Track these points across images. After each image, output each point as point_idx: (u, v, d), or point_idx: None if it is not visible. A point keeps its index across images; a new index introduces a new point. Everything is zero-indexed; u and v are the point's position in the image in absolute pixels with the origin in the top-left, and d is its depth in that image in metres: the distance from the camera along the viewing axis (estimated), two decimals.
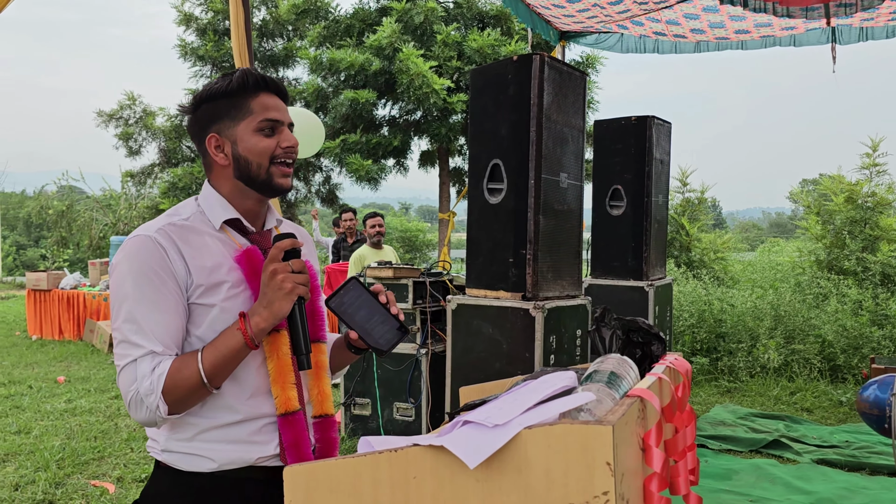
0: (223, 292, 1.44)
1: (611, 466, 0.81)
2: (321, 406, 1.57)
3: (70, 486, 4.35)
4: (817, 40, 6.11)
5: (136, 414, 1.37)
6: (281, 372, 1.45)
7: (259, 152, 1.48)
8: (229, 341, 1.38)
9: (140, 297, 1.38)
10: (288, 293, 1.38)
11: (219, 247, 1.48)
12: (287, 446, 1.46)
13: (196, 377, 1.36)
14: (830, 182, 9.65)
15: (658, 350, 1.30)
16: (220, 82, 1.51)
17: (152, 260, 1.39)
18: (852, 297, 8.08)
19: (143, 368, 1.35)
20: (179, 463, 1.45)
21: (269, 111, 1.49)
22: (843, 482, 4.51)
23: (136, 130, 14.52)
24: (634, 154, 5.57)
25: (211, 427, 1.44)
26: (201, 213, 1.51)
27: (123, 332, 1.38)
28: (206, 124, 1.51)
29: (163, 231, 1.43)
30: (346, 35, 12.25)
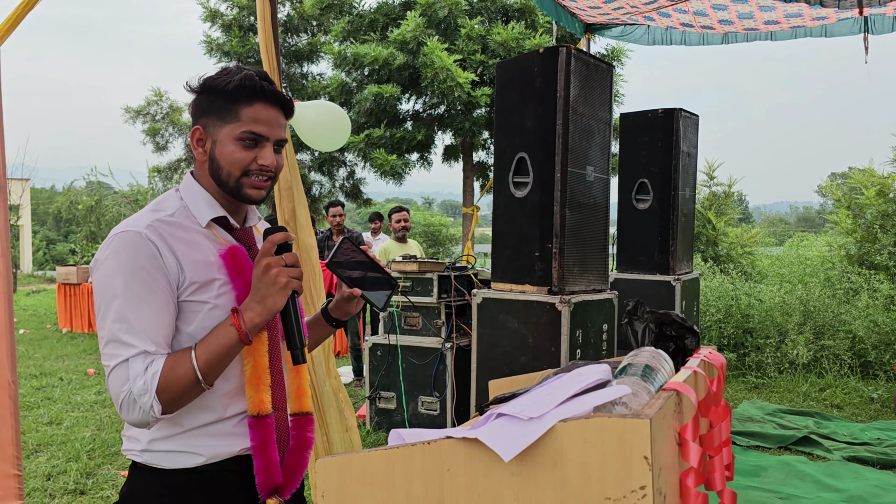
0: (215, 289, 1.42)
1: (648, 460, 0.79)
2: (299, 403, 1.57)
3: (101, 476, 4.42)
4: (849, 30, 5.98)
5: (129, 415, 1.33)
6: (256, 374, 1.44)
7: (232, 162, 1.43)
8: (223, 338, 1.36)
9: (130, 295, 1.33)
10: (282, 287, 1.36)
11: (207, 244, 1.45)
12: (255, 448, 1.45)
13: (191, 375, 1.33)
14: (861, 175, 9.48)
15: (692, 344, 1.28)
16: (222, 77, 1.45)
17: (142, 256, 1.35)
18: (884, 292, 7.94)
19: (136, 368, 1.31)
20: (162, 462, 1.43)
21: (257, 124, 1.43)
22: (874, 480, 4.44)
23: (163, 126, 14.68)
24: (661, 147, 5.51)
25: (198, 425, 1.43)
26: (185, 207, 1.47)
27: (113, 332, 1.33)
28: (198, 113, 1.47)
29: (153, 227, 1.39)
30: (370, 30, 12.26)
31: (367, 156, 11.87)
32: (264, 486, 1.45)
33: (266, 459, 1.44)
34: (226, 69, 1.47)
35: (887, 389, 6.55)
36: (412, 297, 5.20)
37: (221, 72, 1.46)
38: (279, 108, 1.47)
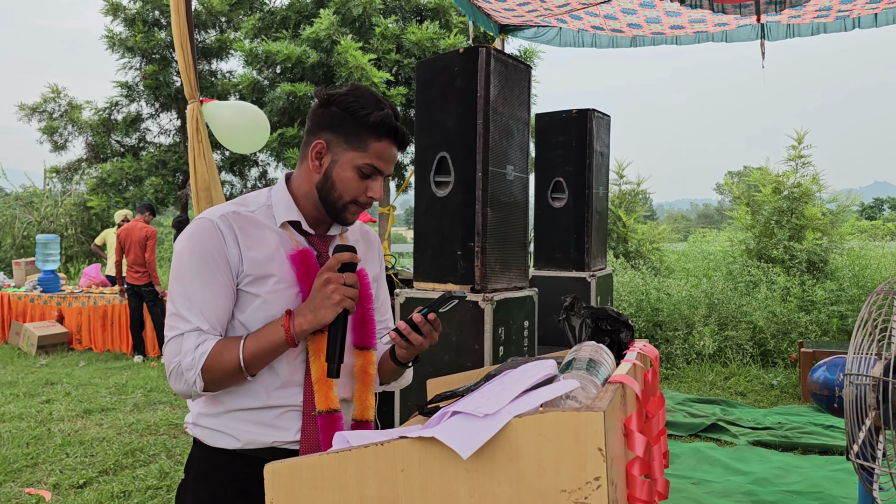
0: (269, 285, 1.49)
1: (602, 452, 0.82)
2: (363, 412, 1.61)
3: (3, 494, 4.16)
4: (748, 36, 6.31)
5: (175, 385, 1.45)
6: (324, 374, 1.49)
7: (347, 188, 1.52)
8: (272, 335, 1.44)
9: (196, 275, 1.45)
10: (335, 304, 1.43)
11: (276, 241, 1.53)
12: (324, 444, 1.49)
13: (235, 362, 1.42)
14: (759, 174, 10.01)
15: (627, 337, 1.32)
16: (362, 103, 1.50)
17: (211, 243, 1.46)
18: (781, 284, 8.42)
19: (189, 344, 1.43)
20: (206, 438, 1.53)
21: (381, 160, 1.52)
22: (777, 462, 4.71)
23: (62, 124, 13.95)
24: (576, 147, 5.66)
25: (238, 408, 1.50)
26: (268, 207, 1.56)
27: (176, 306, 1.46)
28: (323, 126, 1.54)
29: (225, 217, 1.50)
30: (282, 27, 12.05)
31: (281, 155, 11.65)
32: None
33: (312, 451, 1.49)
34: (360, 91, 1.53)
35: (785, 376, 6.95)
36: None
37: (357, 94, 1.52)
38: (400, 148, 1.57)
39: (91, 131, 13.98)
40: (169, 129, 14.49)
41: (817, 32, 6.15)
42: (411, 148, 13.19)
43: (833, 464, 4.62)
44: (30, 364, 8.28)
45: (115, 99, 13.99)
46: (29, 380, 7.35)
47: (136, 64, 13.60)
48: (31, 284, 9.94)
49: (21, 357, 8.73)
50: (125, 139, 14.23)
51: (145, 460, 4.75)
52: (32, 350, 8.85)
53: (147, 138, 14.42)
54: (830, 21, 5.92)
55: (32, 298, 9.65)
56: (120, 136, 14.13)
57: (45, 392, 6.76)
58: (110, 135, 13.98)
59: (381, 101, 1.53)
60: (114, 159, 13.86)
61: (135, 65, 13.61)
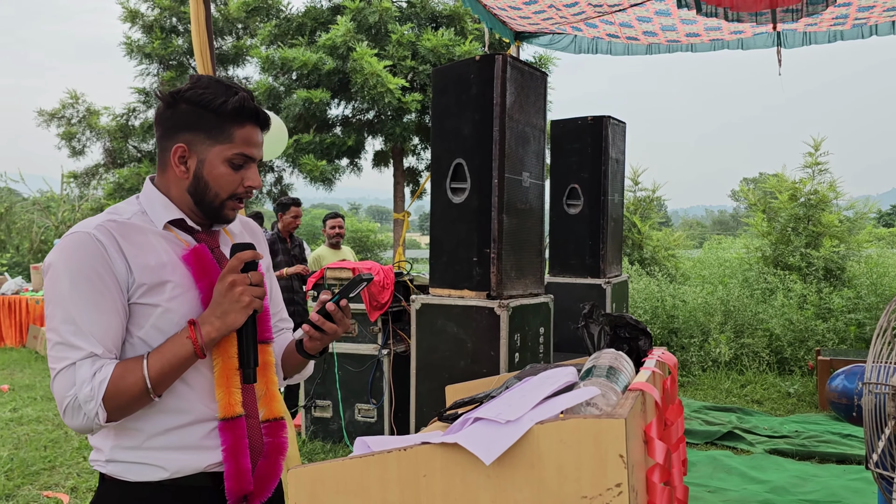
0: (167, 292, 1.37)
1: (624, 458, 0.82)
2: (269, 409, 1.51)
3: (21, 497, 4.20)
4: (763, 44, 6.29)
5: (72, 421, 1.30)
6: (225, 374, 1.40)
7: (222, 185, 1.42)
8: (178, 349, 1.32)
9: (78, 296, 1.30)
10: (245, 306, 1.34)
11: (163, 245, 1.41)
12: (226, 451, 1.39)
13: (141, 384, 1.30)
14: (775, 180, 9.95)
15: (645, 345, 1.33)
16: (213, 93, 1.40)
17: (91, 258, 1.32)
18: (797, 291, 8.35)
19: (83, 373, 1.28)
20: (126, 474, 1.38)
21: (249, 146, 1.43)
22: (794, 470, 4.67)
23: (80, 130, 14.11)
24: (591, 153, 5.65)
25: (158, 432, 1.38)
26: (143, 212, 1.44)
27: (61, 334, 1.30)
28: (178, 127, 1.42)
29: (103, 227, 1.35)
30: (299, 34, 12.13)
31: (296, 161, 11.72)
32: (234, 492, 1.40)
33: (237, 465, 1.39)
34: (204, 81, 1.43)
35: (802, 384, 6.89)
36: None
37: (204, 85, 1.42)
38: (263, 129, 1.48)
39: (109, 137, 14.13)
40: None
41: (834, 40, 6.12)
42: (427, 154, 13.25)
43: (851, 473, 4.58)
44: (46, 368, 8.30)
45: (133, 105, 14.14)
46: (46, 383, 7.42)
47: (154, 70, 13.74)
48: None
49: (38, 361, 8.82)
50: (142, 145, 14.37)
51: None
52: None
53: None
54: (847, 28, 5.89)
55: None
56: (137, 142, 14.27)
57: None
58: (128, 140, 14.12)
59: (231, 86, 1.43)
60: (131, 164, 14.00)
61: (152, 71, 13.76)
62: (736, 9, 4.86)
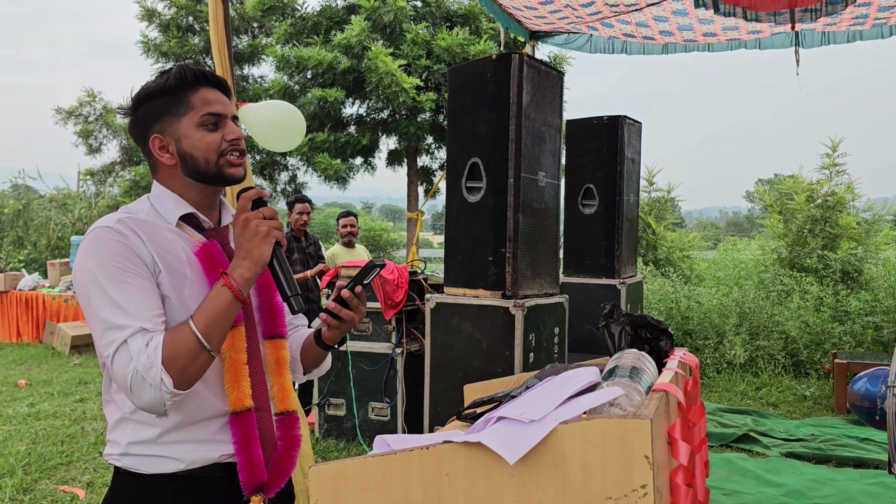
0: (187, 287, 1.42)
1: (649, 459, 0.82)
2: (283, 402, 1.54)
3: (38, 491, 4.24)
4: (781, 44, 6.23)
5: (140, 396, 1.29)
6: (232, 369, 1.43)
7: (205, 148, 1.46)
8: (218, 300, 1.35)
9: (114, 281, 1.34)
10: (265, 236, 1.37)
11: (179, 241, 1.46)
12: (236, 444, 1.43)
13: (194, 340, 1.32)
14: (792, 182, 9.88)
15: (666, 345, 1.32)
16: (157, 80, 1.47)
17: (117, 246, 1.36)
18: (814, 293, 8.28)
19: (137, 346, 1.30)
20: (141, 466, 1.41)
21: (211, 105, 1.47)
22: (811, 474, 4.63)
23: (97, 128, 14.22)
24: (607, 153, 5.63)
25: (174, 427, 1.41)
26: (155, 211, 1.48)
27: (105, 319, 1.32)
28: (147, 124, 1.48)
29: (122, 222, 1.41)
30: (314, 33, 12.16)
31: (311, 160, 11.75)
32: (248, 483, 1.43)
33: (249, 456, 1.42)
34: (149, 80, 1.51)
35: (818, 387, 6.83)
36: None
37: (151, 79, 1.50)
38: (220, 89, 1.52)
39: (125, 135, 14.23)
40: None
41: (853, 40, 6.06)
42: (441, 153, 13.26)
43: (868, 477, 4.53)
44: (63, 363, 8.42)
45: None
46: (63, 379, 7.48)
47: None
48: (65, 285, 10.12)
49: (55, 356, 8.89)
50: None
51: None
52: (66, 349, 9.01)
53: None
54: (867, 29, 5.83)
55: (66, 299, 9.83)
56: None
57: (78, 391, 6.88)
58: None
59: (168, 69, 1.49)
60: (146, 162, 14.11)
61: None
62: (754, 8, 4.83)
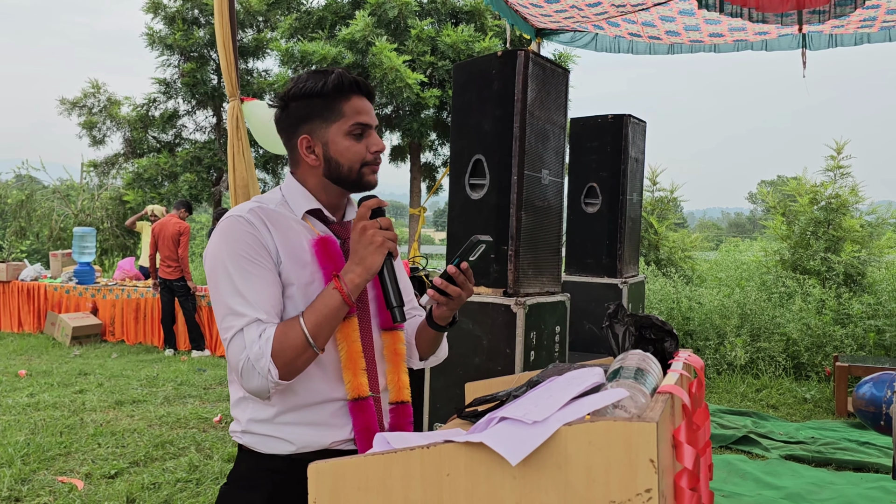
0: (306, 276, 1.49)
1: (654, 463, 0.80)
2: (398, 393, 1.61)
3: (36, 482, 4.24)
4: (788, 45, 6.21)
5: (249, 382, 1.40)
6: (351, 358, 1.50)
7: (351, 157, 1.53)
8: (328, 300, 1.42)
9: (240, 271, 1.43)
10: (379, 247, 1.43)
11: (303, 232, 1.54)
12: (357, 431, 1.50)
13: (301, 338, 1.40)
14: (795, 183, 9.85)
15: (671, 346, 1.30)
16: (312, 81, 1.53)
17: (247, 236, 1.46)
18: (816, 296, 8.26)
19: (251, 335, 1.40)
20: (259, 445, 1.50)
21: (361, 115, 1.53)
22: (810, 477, 4.62)
23: (101, 119, 14.20)
24: (610, 152, 5.61)
25: (290, 409, 1.48)
26: (285, 202, 1.57)
27: (228, 305, 1.42)
28: (297, 123, 1.55)
29: (253, 212, 1.50)
30: (318, 27, 12.14)
31: None
32: None
33: (370, 442, 1.44)
34: (302, 77, 1.56)
35: (819, 390, 6.82)
36: None
37: (305, 78, 1.55)
38: (369, 98, 1.58)
39: (129, 127, 14.22)
40: (204, 127, 14.69)
41: (860, 42, 6.04)
42: (444, 150, 13.24)
43: (868, 481, 4.52)
44: (64, 354, 8.42)
45: (153, 95, 14.22)
46: (63, 370, 7.48)
47: (175, 61, 13.80)
48: (66, 276, 10.12)
49: (56, 347, 8.90)
50: (162, 135, 14.45)
51: (175, 453, 4.80)
52: (67, 340, 9.01)
53: (183, 135, 14.65)
54: (875, 31, 5.81)
55: (68, 290, 9.83)
56: (157, 132, 14.36)
57: (78, 382, 6.88)
58: (147, 131, 14.21)
59: (325, 70, 1.54)
60: (150, 155, 14.08)
61: (173, 62, 13.82)
62: (761, 9, 4.80)
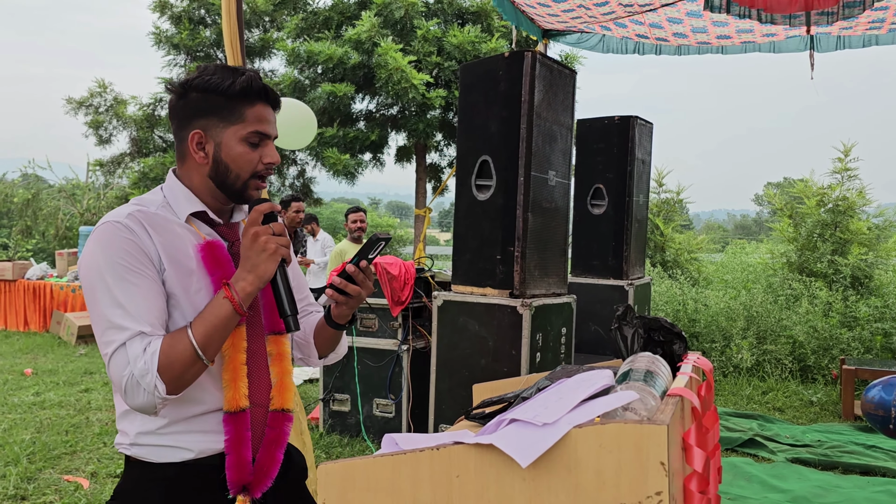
0: (193, 284, 1.43)
1: (665, 466, 0.80)
2: (281, 399, 1.55)
3: (42, 480, 4.25)
4: (796, 47, 6.19)
5: (134, 399, 1.33)
6: (231, 369, 1.45)
7: (242, 164, 1.46)
8: (218, 310, 1.37)
9: (119, 280, 1.35)
10: (272, 254, 1.39)
11: (188, 236, 1.46)
12: (227, 443, 1.45)
13: (190, 350, 1.34)
14: (802, 185, 9.82)
15: (680, 349, 1.30)
16: (219, 77, 1.45)
17: (126, 243, 1.37)
18: (823, 298, 8.23)
19: (135, 350, 1.32)
20: (150, 455, 1.44)
21: (262, 123, 1.47)
22: (817, 481, 4.60)
23: (107, 119, 14.24)
24: (617, 153, 5.60)
25: (181, 419, 1.44)
26: (167, 204, 1.49)
27: (108, 318, 1.34)
28: (192, 115, 1.47)
29: (132, 217, 1.41)
30: (325, 27, 12.15)
31: (320, 155, 11.75)
32: (235, 482, 1.46)
33: (238, 456, 1.45)
34: (210, 68, 1.47)
35: (826, 393, 6.79)
36: (368, 298, 5.16)
37: (212, 71, 1.46)
38: (274, 107, 1.52)
39: (135, 126, 14.26)
40: None
41: (869, 44, 6.01)
42: (450, 151, 13.23)
43: (875, 485, 4.50)
44: (70, 353, 8.44)
45: (160, 95, 14.25)
46: (69, 368, 7.50)
47: (181, 61, 13.83)
48: (72, 275, 10.15)
49: (61, 346, 8.92)
50: (168, 135, 14.47)
51: None
52: (72, 339, 9.03)
53: None
54: (883, 33, 5.78)
55: (74, 289, 9.85)
56: (163, 132, 14.38)
57: (83, 381, 6.90)
58: (153, 130, 14.24)
59: (237, 69, 1.47)
60: (156, 154, 14.11)
61: (179, 62, 13.85)
62: (769, 10, 4.78)
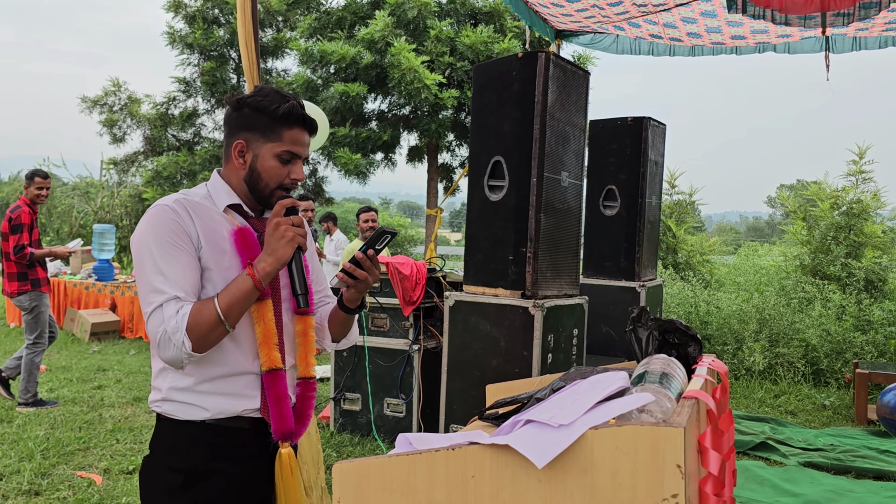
0: (225, 262, 1.66)
1: (681, 469, 0.80)
2: (305, 369, 1.79)
3: (56, 476, 4.28)
4: (811, 48, 6.15)
5: (165, 352, 1.56)
6: (266, 335, 1.67)
7: (272, 176, 1.70)
8: (241, 284, 1.60)
9: (163, 253, 1.59)
10: (290, 241, 1.61)
11: (224, 223, 1.70)
12: (269, 399, 1.67)
13: (214, 315, 1.57)
14: (816, 188, 9.76)
15: (694, 351, 1.29)
16: (269, 100, 1.68)
17: (171, 223, 1.61)
18: (836, 302, 8.18)
19: (169, 311, 1.56)
20: (177, 412, 1.66)
21: (295, 145, 1.71)
22: (829, 485, 4.56)
23: (121, 118, 14.33)
24: (630, 155, 5.59)
25: (207, 379, 1.65)
26: (209, 196, 1.73)
27: (150, 282, 1.58)
28: (241, 127, 1.71)
29: (178, 202, 1.65)
30: (338, 27, 12.17)
31: (332, 154, 11.78)
32: (279, 431, 1.68)
33: (280, 409, 1.67)
34: (265, 91, 1.71)
35: (839, 397, 6.74)
36: (380, 298, 5.17)
37: (264, 94, 1.70)
38: (310, 133, 1.76)
39: (149, 125, 14.34)
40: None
41: (885, 45, 5.96)
42: (462, 151, 13.23)
43: (888, 490, 4.46)
44: (83, 350, 8.51)
45: (173, 94, 14.33)
46: (82, 365, 7.55)
47: (195, 60, 13.90)
48: (86, 272, 10.22)
49: (75, 343, 8.98)
50: (181, 134, 14.56)
51: None
52: (86, 336, 9.10)
53: (202, 133, 14.74)
54: None
55: (87, 286, 9.93)
56: (176, 131, 14.46)
57: (97, 378, 6.94)
58: (167, 129, 14.31)
59: (285, 95, 1.70)
60: (169, 153, 14.19)
61: (193, 61, 13.92)
62: (785, 11, 4.76)
